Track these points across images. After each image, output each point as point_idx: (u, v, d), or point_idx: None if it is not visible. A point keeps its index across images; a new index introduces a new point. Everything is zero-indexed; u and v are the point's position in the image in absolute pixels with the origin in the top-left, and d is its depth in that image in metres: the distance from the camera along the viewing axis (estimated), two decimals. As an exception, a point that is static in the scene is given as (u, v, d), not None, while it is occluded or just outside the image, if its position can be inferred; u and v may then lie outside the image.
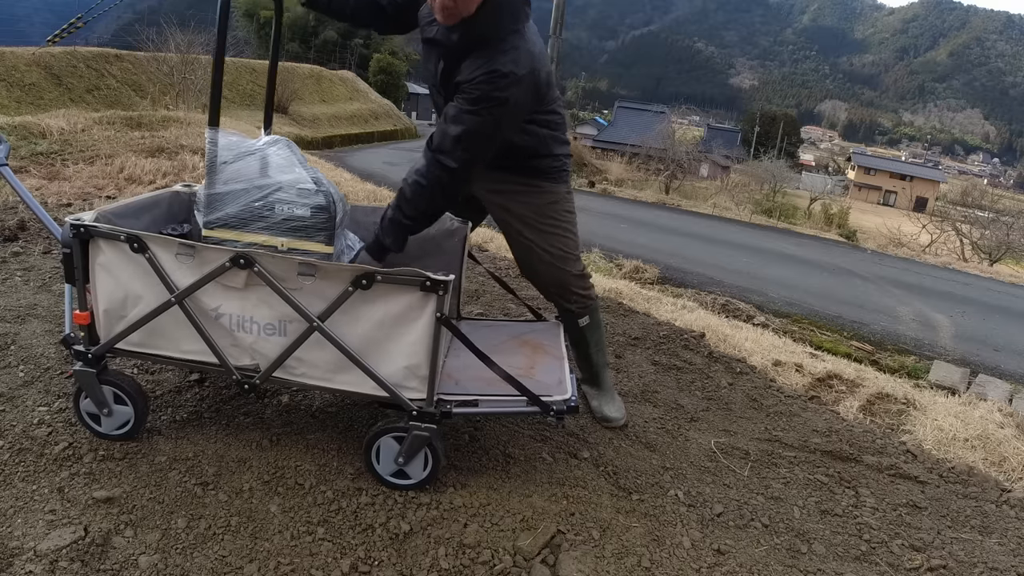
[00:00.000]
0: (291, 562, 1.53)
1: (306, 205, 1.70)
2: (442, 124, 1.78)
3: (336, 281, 1.62)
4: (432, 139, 1.80)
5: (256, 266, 1.62)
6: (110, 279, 1.71)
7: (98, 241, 1.69)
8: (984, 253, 16.19)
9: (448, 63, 1.80)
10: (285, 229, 1.71)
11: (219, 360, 1.72)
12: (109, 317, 1.74)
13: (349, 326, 1.66)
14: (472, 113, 1.72)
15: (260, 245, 1.69)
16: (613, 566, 1.65)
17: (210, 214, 1.70)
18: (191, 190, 2.16)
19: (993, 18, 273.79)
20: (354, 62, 33.56)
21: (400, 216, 1.83)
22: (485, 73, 1.70)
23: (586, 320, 2.20)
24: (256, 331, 1.70)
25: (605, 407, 2.30)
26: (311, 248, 1.72)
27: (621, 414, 2.30)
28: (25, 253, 3.18)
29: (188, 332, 1.72)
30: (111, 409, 1.80)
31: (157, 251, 1.67)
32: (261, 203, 1.69)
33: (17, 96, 11.93)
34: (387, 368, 1.68)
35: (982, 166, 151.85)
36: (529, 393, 1.74)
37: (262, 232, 1.71)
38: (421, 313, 1.63)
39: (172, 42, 14.37)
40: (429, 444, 1.73)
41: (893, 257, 9.99)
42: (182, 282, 1.68)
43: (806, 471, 2.22)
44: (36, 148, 5.55)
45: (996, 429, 2.68)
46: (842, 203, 28.49)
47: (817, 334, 4.40)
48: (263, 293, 1.66)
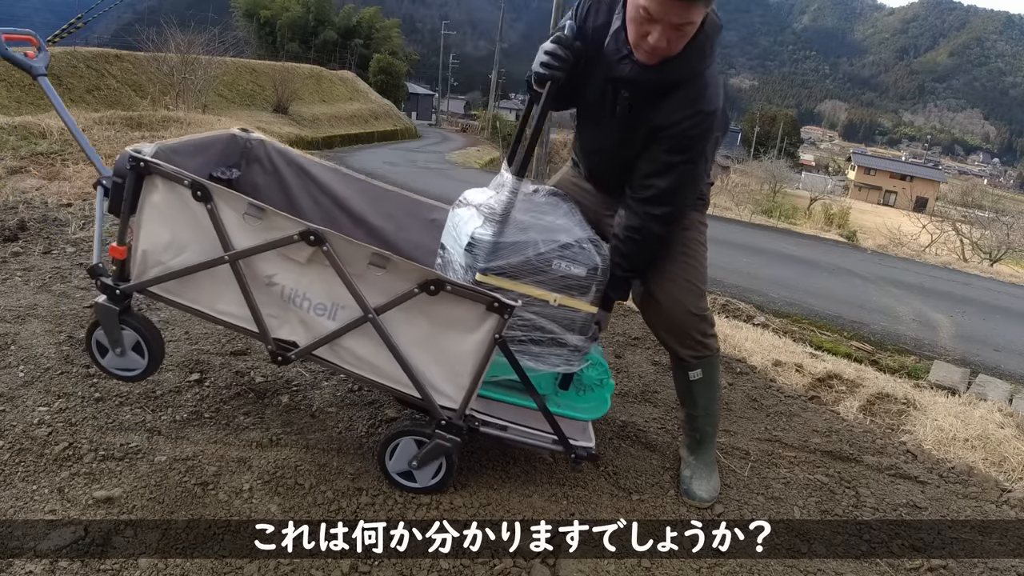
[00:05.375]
0: (291, 562, 1.53)
1: (583, 265, 1.69)
2: (648, 177, 1.73)
3: (404, 280, 1.59)
4: (635, 192, 1.76)
5: (326, 246, 1.57)
6: (159, 220, 1.63)
7: (155, 179, 1.60)
8: (984, 253, 16.19)
9: (639, 102, 1.70)
10: (560, 286, 1.69)
11: (258, 328, 1.66)
12: (147, 258, 1.67)
13: (401, 323, 1.63)
14: (685, 161, 1.69)
15: (532, 297, 1.68)
16: (613, 566, 1.65)
17: (491, 261, 1.65)
18: (247, 135, 2.14)
19: (993, 18, 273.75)
20: (354, 62, 33.57)
21: (619, 271, 1.81)
22: (690, 116, 1.63)
23: (698, 374, 1.91)
24: (307, 308, 1.65)
25: (695, 482, 1.96)
26: (579, 305, 1.72)
27: (711, 496, 1.95)
28: (25, 253, 3.18)
29: (230, 292, 1.65)
30: (125, 351, 1.76)
31: (222, 205, 1.59)
32: (542, 258, 1.67)
33: (17, 96, 11.93)
34: (428, 372, 1.66)
35: (982, 166, 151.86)
36: (561, 433, 1.77)
37: (536, 285, 1.68)
38: (479, 328, 1.60)
39: (172, 42, 14.37)
40: (447, 455, 1.73)
41: (893, 257, 10.00)
42: (240, 242, 1.60)
43: (806, 471, 2.22)
44: (36, 148, 5.55)
45: (996, 429, 2.68)
46: (842, 203, 28.49)
47: (817, 334, 4.40)
48: (324, 273, 1.61)
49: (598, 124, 1.84)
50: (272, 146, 2.23)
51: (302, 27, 33.59)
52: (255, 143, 2.19)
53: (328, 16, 35.18)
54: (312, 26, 33.89)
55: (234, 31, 25.11)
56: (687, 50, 1.58)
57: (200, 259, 1.64)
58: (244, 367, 2.30)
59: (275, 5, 33.19)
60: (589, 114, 1.87)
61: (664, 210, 1.74)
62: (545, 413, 1.75)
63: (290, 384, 2.25)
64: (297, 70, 23.69)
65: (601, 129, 1.83)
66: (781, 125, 58.85)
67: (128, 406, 1.99)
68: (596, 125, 1.85)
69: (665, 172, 1.71)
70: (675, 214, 1.78)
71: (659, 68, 1.61)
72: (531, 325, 1.70)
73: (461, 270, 1.70)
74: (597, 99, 1.77)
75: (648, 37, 1.53)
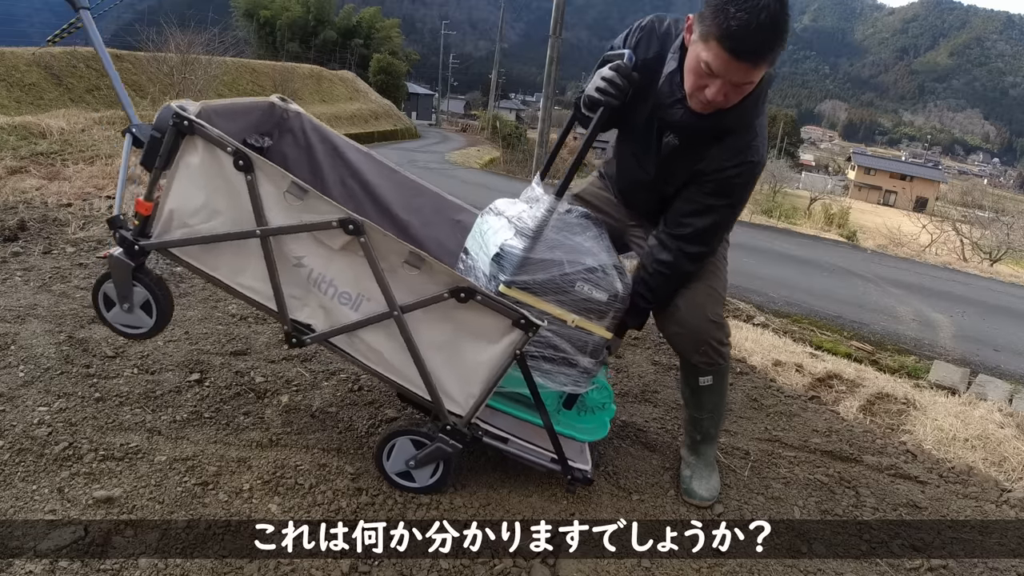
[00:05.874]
0: (291, 562, 1.53)
1: (605, 290, 1.70)
2: (686, 216, 1.75)
3: (435, 283, 1.57)
4: (670, 227, 1.77)
5: (364, 237, 1.54)
6: (193, 182, 1.58)
7: (197, 140, 1.54)
8: (984, 253, 16.18)
9: (687, 147, 1.70)
10: (581, 308, 1.70)
11: (277, 307, 1.63)
12: (173, 218, 1.61)
13: (423, 324, 1.61)
14: (726, 205, 1.72)
15: (551, 315, 1.68)
16: (613, 566, 1.65)
17: (517, 274, 1.66)
18: (286, 105, 2.12)
19: (993, 18, 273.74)
20: (354, 62, 33.57)
21: (642, 302, 1.84)
22: (737, 165, 1.66)
23: (708, 380, 1.91)
24: (331, 295, 1.62)
25: (695, 481, 1.96)
26: (595, 329, 1.73)
27: (711, 495, 1.95)
28: (25, 253, 3.18)
29: (254, 267, 1.62)
30: (133, 308, 1.71)
31: (262, 178, 1.54)
32: (567, 279, 1.68)
33: (17, 96, 11.93)
34: (441, 375, 1.65)
35: (982, 166, 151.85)
36: (561, 453, 1.77)
37: (557, 304, 1.69)
38: (500, 340, 1.60)
39: (172, 42, 14.38)
40: (447, 459, 1.73)
41: (893, 257, 10.00)
42: (276, 219, 1.56)
43: (806, 471, 2.22)
44: (36, 148, 5.56)
45: (996, 429, 2.68)
46: (842, 203, 28.48)
47: (817, 334, 4.40)
48: (355, 262, 1.58)
49: (638, 156, 1.84)
50: (308, 120, 2.19)
51: (302, 27, 33.60)
52: (292, 114, 2.15)
53: (328, 16, 35.19)
54: (312, 26, 33.90)
55: (234, 31, 25.14)
56: (742, 102, 1.58)
57: (230, 229, 1.59)
58: (244, 367, 2.30)
59: (275, 5, 33.20)
60: (629, 143, 1.87)
61: (698, 249, 1.77)
62: (551, 432, 1.76)
63: (290, 384, 2.25)
64: (297, 70, 23.70)
65: (641, 161, 1.83)
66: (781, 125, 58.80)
67: (128, 406, 1.99)
68: (636, 156, 1.85)
69: (704, 213, 1.73)
70: (708, 253, 1.81)
71: (712, 118, 1.61)
72: (545, 342, 1.71)
73: (484, 278, 1.71)
74: (641, 132, 1.77)
75: (706, 90, 1.52)
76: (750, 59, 1.44)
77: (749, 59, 1.44)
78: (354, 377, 2.34)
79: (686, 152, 1.70)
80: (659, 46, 1.69)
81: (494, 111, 40.14)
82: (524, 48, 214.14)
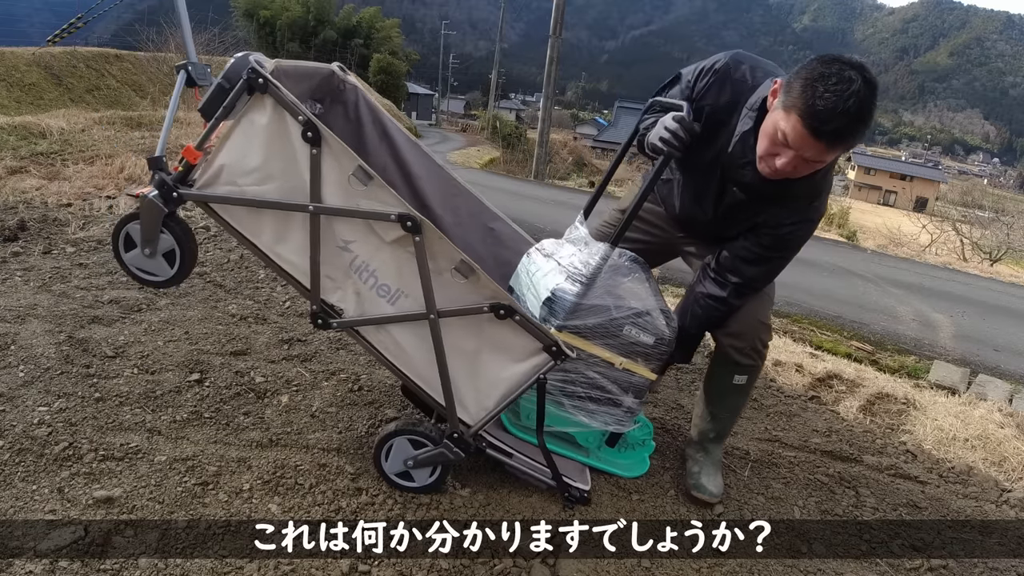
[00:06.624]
0: (291, 562, 1.53)
1: (652, 334, 1.75)
2: (742, 261, 1.80)
3: (478, 294, 1.56)
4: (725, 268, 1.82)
5: (420, 236, 1.50)
6: (253, 142, 1.50)
7: (267, 99, 1.46)
8: (984, 253, 16.18)
9: (750, 201, 1.73)
10: (628, 352, 1.76)
11: (311, 285, 1.58)
12: (222, 173, 1.54)
13: (454, 331, 1.60)
14: (780, 258, 1.79)
15: (600, 358, 1.73)
16: (613, 566, 1.65)
17: (569, 320, 1.71)
18: (345, 75, 2.09)
19: (993, 18, 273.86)
20: (354, 62, 33.54)
21: (690, 337, 1.91)
22: (795, 223, 1.71)
23: (743, 380, 1.93)
24: (371, 284, 1.59)
25: (704, 477, 1.97)
26: (641, 371, 1.78)
27: (718, 490, 1.96)
28: (25, 253, 3.18)
29: (296, 240, 1.56)
30: (155, 255, 1.66)
31: (328, 155, 1.48)
32: (615, 323, 1.73)
33: (17, 96, 11.92)
34: (460, 382, 1.65)
35: (982, 166, 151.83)
36: (556, 472, 1.80)
37: (605, 347, 1.74)
38: (525, 361, 1.60)
39: (172, 42, 14.37)
40: (445, 464, 1.74)
41: (893, 257, 9.99)
42: (331, 199, 1.51)
43: (806, 471, 2.22)
44: (36, 148, 5.55)
45: (996, 429, 2.68)
46: (842, 203, 28.47)
47: (817, 334, 4.40)
48: (402, 258, 1.55)
49: (699, 196, 1.85)
50: (363, 96, 2.13)
51: (302, 27, 33.58)
52: (348, 87, 2.10)
53: (328, 16, 35.16)
54: (312, 26, 33.87)
55: (234, 31, 25.09)
56: (812, 175, 1.59)
57: (280, 197, 1.53)
58: (244, 367, 2.30)
59: (275, 5, 33.18)
60: (690, 182, 1.87)
61: (750, 291, 1.84)
62: (544, 451, 1.78)
63: (290, 384, 2.25)
64: (297, 70, 23.64)
65: (700, 201, 1.85)
66: (781, 125, 58.61)
67: (128, 406, 1.99)
68: (696, 196, 1.86)
69: (758, 263, 1.79)
70: (756, 292, 1.87)
71: (780, 184, 1.61)
72: (592, 384, 1.78)
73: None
74: (703, 174, 1.79)
75: (777, 159, 1.52)
76: (829, 141, 1.43)
77: (827, 140, 1.43)
78: (354, 377, 2.34)
79: (749, 205, 1.74)
80: (731, 94, 1.67)
81: (494, 111, 40.12)
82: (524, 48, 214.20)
